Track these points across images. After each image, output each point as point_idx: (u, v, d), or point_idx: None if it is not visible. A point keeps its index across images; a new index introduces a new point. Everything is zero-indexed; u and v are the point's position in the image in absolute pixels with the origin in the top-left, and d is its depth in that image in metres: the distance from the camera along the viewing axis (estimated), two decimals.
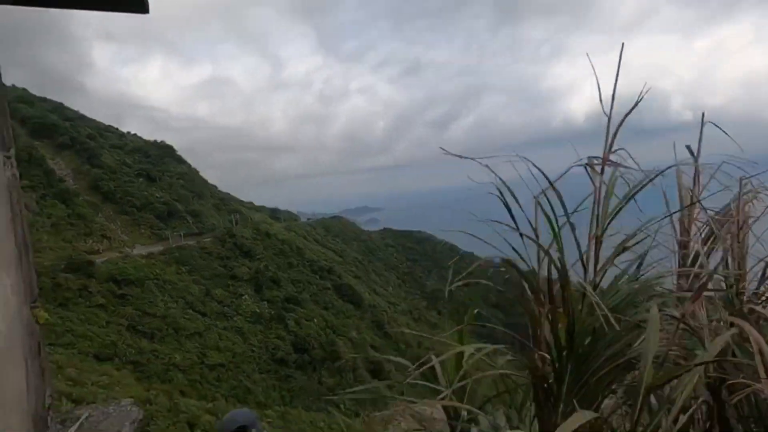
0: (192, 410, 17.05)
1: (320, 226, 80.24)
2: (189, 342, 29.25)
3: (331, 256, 60.70)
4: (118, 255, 35.14)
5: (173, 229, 46.22)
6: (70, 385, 15.68)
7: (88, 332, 24.37)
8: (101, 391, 15.70)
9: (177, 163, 64.90)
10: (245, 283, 40.06)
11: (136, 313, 28.95)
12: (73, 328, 24.17)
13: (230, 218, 57.35)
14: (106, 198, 46.07)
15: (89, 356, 22.37)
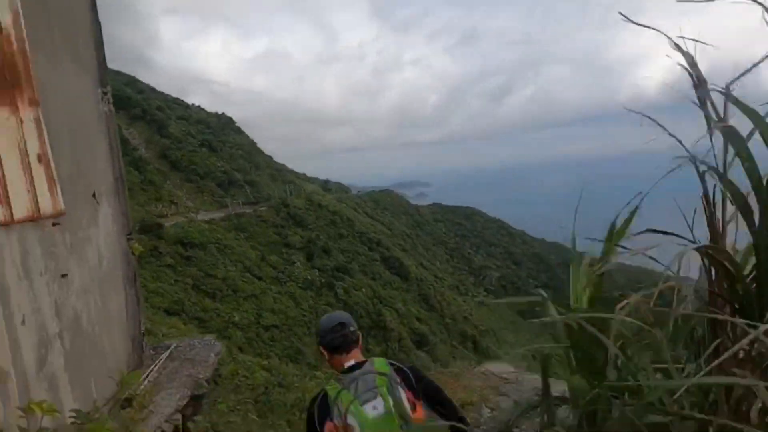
0: (249, 365, 18.70)
1: (370, 199, 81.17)
2: (246, 303, 31.49)
3: (380, 228, 61.61)
4: (183, 219, 38.03)
5: (232, 197, 48.96)
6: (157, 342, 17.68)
7: (159, 289, 26.98)
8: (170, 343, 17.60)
9: (236, 134, 68.01)
10: (298, 251, 41.96)
11: (200, 273, 31.44)
12: (146, 284, 26.83)
13: (285, 188, 59.70)
14: (173, 166, 49.46)
15: (160, 310, 24.86)
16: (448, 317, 44.68)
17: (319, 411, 1.64)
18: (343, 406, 1.59)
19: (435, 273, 58.21)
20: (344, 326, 1.83)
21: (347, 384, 1.66)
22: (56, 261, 1.56)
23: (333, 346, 1.80)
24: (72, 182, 1.70)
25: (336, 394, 1.63)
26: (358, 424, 1.56)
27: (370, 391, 1.63)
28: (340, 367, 1.79)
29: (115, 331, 2.10)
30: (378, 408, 1.60)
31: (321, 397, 1.67)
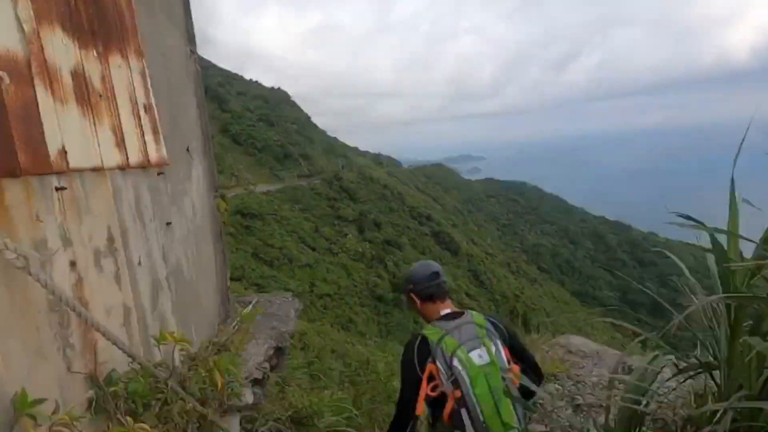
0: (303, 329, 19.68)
1: (421, 173, 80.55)
2: (301, 271, 32.85)
3: (431, 203, 61.19)
4: (243, 191, 39.95)
5: (288, 170, 50.55)
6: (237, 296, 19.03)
7: None
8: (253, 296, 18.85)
9: (291, 108, 69.54)
10: (350, 223, 42.81)
11: (259, 243, 33.08)
12: None
13: (337, 162, 60.67)
14: (234, 140, 51.67)
15: None
16: (498, 294, 44.04)
17: (419, 354, 1.64)
18: (448, 350, 1.58)
19: (486, 249, 57.25)
20: (438, 275, 1.84)
21: (450, 330, 1.65)
22: (162, 210, 1.63)
23: (427, 294, 1.81)
24: (171, 136, 1.76)
25: (439, 338, 1.62)
26: (465, 370, 1.55)
27: (474, 340, 1.63)
28: (434, 314, 1.79)
29: (208, 282, 2.20)
30: (483, 357, 1.60)
31: (420, 341, 1.66)
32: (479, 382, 1.55)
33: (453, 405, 1.56)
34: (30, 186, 1.07)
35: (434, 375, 1.59)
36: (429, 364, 1.60)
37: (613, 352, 2.96)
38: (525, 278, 54.85)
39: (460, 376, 1.54)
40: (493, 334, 1.69)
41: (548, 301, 50.58)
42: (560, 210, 78.16)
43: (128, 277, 1.37)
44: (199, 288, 1.99)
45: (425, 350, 1.63)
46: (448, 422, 1.59)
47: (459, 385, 1.55)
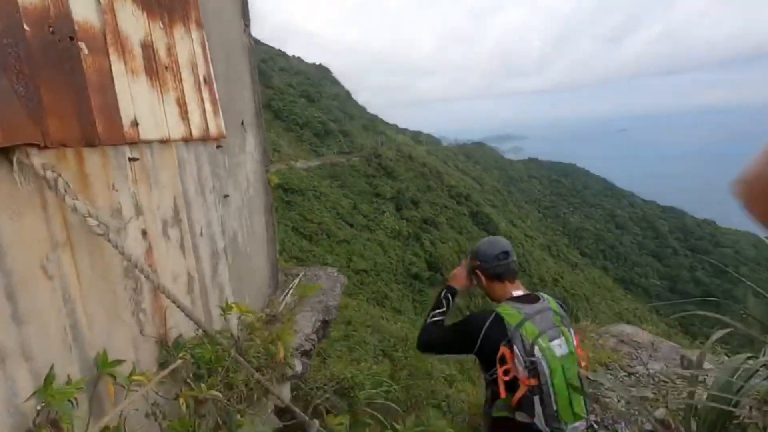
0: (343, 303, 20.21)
1: (461, 152, 79.00)
2: (338, 247, 33.47)
3: (470, 183, 60.14)
4: (285, 166, 40.82)
5: (328, 146, 51.02)
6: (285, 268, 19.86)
7: None
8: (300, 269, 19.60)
9: (332, 84, 69.60)
10: (387, 201, 42.92)
11: (299, 217, 33.90)
12: None
13: (376, 139, 60.53)
14: (276, 116, 52.54)
15: None
16: (537, 278, 43.13)
17: (490, 330, 1.59)
18: (529, 337, 1.53)
19: (525, 231, 55.90)
20: (508, 255, 1.77)
21: (530, 315, 1.59)
22: (220, 181, 1.66)
23: (496, 273, 1.76)
24: (227, 109, 1.78)
25: (519, 323, 1.56)
26: (545, 360, 1.51)
27: (554, 329, 1.58)
28: (504, 294, 1.74)
29: (260, 253, 2.26)
30: (563, 347, 1.56)
31: (494, 318, 1.61)
32: (558, 373, 1.51)
33: (525, 391, 1.52)
34: (106, 156, 1.11)
35: (506, 359, 1.54)
36: (502, 346, 1.55)
37: (670, 344, 2.80)
38: (566, 263, 53.32)
39: (540, 365, 1.50)
40: (566, 321, 1.66)
41: (589, 287, 49.04)
42: (607, 193, 74.63)
43: (191, 247, 1.42)
44: (252, 259, 2.05)
45: (499, 330, 1.58)
46: (516, 406, 1.55)
47: (537, 374, 1.51)
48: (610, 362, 2.53)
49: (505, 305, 1.65)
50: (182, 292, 1.38)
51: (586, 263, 58.12)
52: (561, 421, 1.51)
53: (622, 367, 2.51)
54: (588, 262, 59.05)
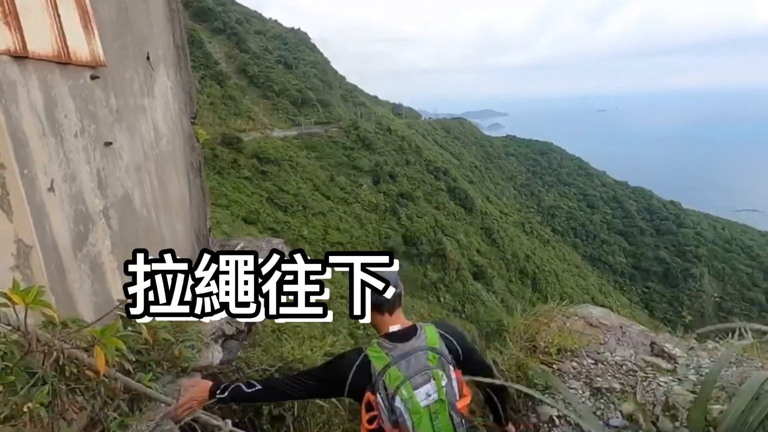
0: None
1: (441, 126, 78.42)
2: (315, 219, 33.05)
3: (448, 158, 60.01)
4: (260, 135, 39.58)
5: (305, 116, 49.66)
6: (225, 238, 19.30)
7: (238, 198, 28.99)
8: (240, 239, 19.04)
9: (311, 51, 67.11)
10: (365, 174, 42.43)
11: (274, 188, 33.18)
12: (227, 193, 28.91)
13: (355, 111, 59.25)
14: (251, 82, 50.53)
15: (239, 218, 26.88)
16: (509, 253, 44.01)
17: (356, 374, 1.46)
18: (391, 385, 1.40)
19: (501, 208, 56.63)
20: (387, 287, 1.55)
21: (396, 359, 1.45)
22: (97, 124, 1.27)
23: (376, 305, 1.57)
24: (118, 33, 1.36)
25: (383, 368, 1.43)
26: (407, 411, 1.39)
27: (423, 374, 1.44)
28: (381, 327, 1.57)
29: (177, 219, 1.88)
30: (431, 395, 1.43)
31: (362, 360, 1.48)
32: (423, 423, 1.40)
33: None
34: None
35: (373, 406, 1.43)
36: (368, 392, 1.44)
37: (639, 328, 2.63)
38: (538, 239, 54.53)
39: (402, 416, 1.38)
40: (445, 360, 1.50)
41: (559, 264, 50.47)
42: (581, 173, 76.12)
43: (27, 204, 1.04)
44: (161, 226, 1.68)
45: (365, 373, 1.46)
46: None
47: (399, 425, 1.39)
48: (576, 348, 2.33)
49: (375, 345, 1.52)
50: (5, 267, 1.01)
51: (558, 240, 59.65)
52: None
53: (588, 353, 2.31)
54: (559, 239, 60.59)
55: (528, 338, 2.31)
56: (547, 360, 2.18)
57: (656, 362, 2.15)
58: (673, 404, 1.78)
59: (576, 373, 2.14)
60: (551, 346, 2.25)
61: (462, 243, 40.00)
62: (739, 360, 2.14)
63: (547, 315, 2.52)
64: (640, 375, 2.08)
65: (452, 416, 1.45)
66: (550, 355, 2.21)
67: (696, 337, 2.47)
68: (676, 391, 1.87)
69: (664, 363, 2.15)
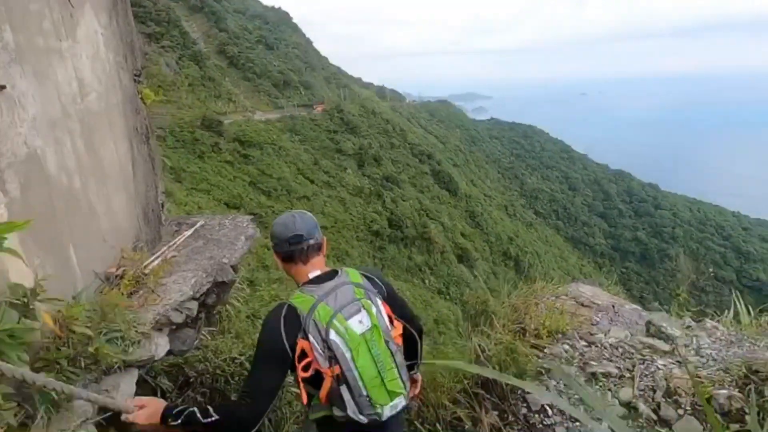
0: None
1: (425, 109, 77.97)
2: (299, 203, 32.55)
3: (433, 141, 59.76)
4: (241, 118, 38.56)
5: (287, 98, 48.57)
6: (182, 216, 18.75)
7: (220, 183, 28.28)
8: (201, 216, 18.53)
9: (292, 31, 65.32)
10: (349, 157, 41.91)
11: (257, 172, 32.47)
12: (209, 178, 28.16)
13: (339, 93, 58.23)
14: (231, 63, 49.02)
15: (221, 203, 26.26)
16: (493, 236, 44.39)
17: (286, 326, 1.35)
18: (322, 321, 1.34)
19: (485, 191, 56.93)
20: (301, 238, 1.52)
21: (322, 296, 1.40)
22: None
23: (288, 255, 1.53)
24: None
25: (310, 308, 1.36)
26: (344, 342, 1.34)
27: (352, 304, 1.40)
28: (302, 277, 1.52)
29: (115, 191, 1.60)
30: (364, 322, 1.39)
31: (286, 311, 1.39)
32: (362, 353, 1.35)
33: (331, 383, 1.34)
34: None
35: (306, 352, 1.34)
36: (300, 340, 1.33)
37: (631, 306, 2.49)
38: (521, 222, 55.11)
39: (339, 350, 1.33)
40: (372, 292, 1.47)
41: (542, 246, 51.21)
42: (563, 156, 76.91)
43: None
44: (89, 197, 1.41)
45: (294, 323, 1.36)
46: (326, 403, 1.39)
47: (338, 361, 1.33)
48: (568, 330, 2.17)
49: (297, 292, 1.45)
50: None
51: (540, 223, 60.48)
52: (374, 406, 1.37)
53: (581, 335, 2.15)
54: (542, 221, 61.44)
55: (516, 320, 2.14)
56: (537, 343, 2.02)
57: (653, 343, 2.01)
58: (675, 389, 1.64)
59: (569, 357, 1.98)
60: (541, 328, 2.09)
61: (446, 226, 40.11)
62: (739, 338, 2.02)
63: (535, 295, 2.35)
64: (638, 357, 1.93)
65: (388, 342, 1.41)
66: (540, 338, 2.05)
67: (692, 315, 2.35)
68: (677, 375, 1.73)
69: (662, 344, 2.01)
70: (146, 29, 38.35)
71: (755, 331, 2.11)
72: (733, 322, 2.28)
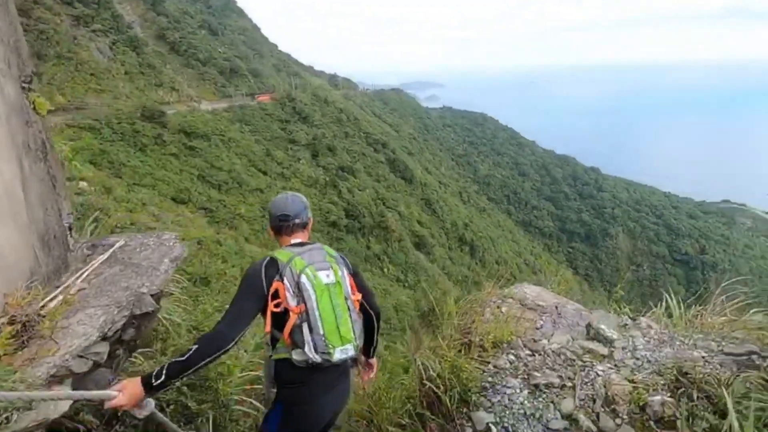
0: (255, 255, 19.10)
1: (378, 98, 77.64)
2: (252, 196, 31.52)
3: (387, 130, 59.73)
4: (186, 108, 36.50)
5: (235, 87, 46.55)
6: (153, 220, 17.65)
7: (165, 177, 26.73)
8: (179, 229, 17.52)
9: (238, 16, 62.40)
10: (303, 147, 41.01)
11: (205, 164, 31.02)
12: (152, 172, 26.54)
13: (290, 81, 56.55)
14: (172, 49, 46.15)
15: (167, 198, 24.88)
16: (449, 222, 45.33)
17: (266, 271, 1.66)
18: (297, 268, 1.65)
19: (439, 179, 57.86)
20: (288, 218, 1.88)
21: (300, 252, 1.72)
22: None
23: (276, 229, 1.91)
24: None
25: (289, 259, 1.67)
26: (312, 286, 1.63)
27: (323, 262, 1.72)
28: (285, 243, 1.86)
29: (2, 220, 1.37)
30: (330, 277, 1.69)
31: (268, 261, 1.70)
32: (324, 298, 1.63)
33: (295, 320, 1.60)
34: None
35: (279, 293, 1.62)
36: (275, 281, 1.62)
37: (574, 306, 2.53)
38: (475, 208, 56.66)
39: (307, 291, 1.61)
40: (340, 263, 1.79)
41: (495, 230, 53.00)
42: (513, 143, 79.61)
43: None
44: None
45: (273, 270, 1.66)
46: (288, 339, 1.62)
47: (305, 300, 1.61)
48: (513, 339, 2.17)
49: (279, 250, 1.78)
50: None
51: (493, 208, 62.51)
52: (328, 345, 1.60)
53: (525, 343, 2.16)
54: (494, 206, 63.54)
55: (463, 330, 2.12)
56: (483, 356, 2.00)
57: (593, 347, 2.05)
58: (613, 397, 1.67)
59: (513, 369, 1.98)
60: (486, 339, 2.07)
61: (403, 214, 40.44)
62: (671, 336, 2.10)
63: (480, 302, 2.34)
64: (579, 364, 1.96)
65: (347, 299, 1.68)
66: (486, 350, 2.03)
67: (629, 314, 2.43)
68: (615, 381, 1.76)
69: (601, 347, 2.05)
70: (73, 11, 35.24)
71: (684, 328, 2.22)
72: (665, 318, 2.38)
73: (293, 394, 1.66)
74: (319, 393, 1.67)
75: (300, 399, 1.66)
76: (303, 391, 1.65)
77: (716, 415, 1.46)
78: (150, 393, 1.40)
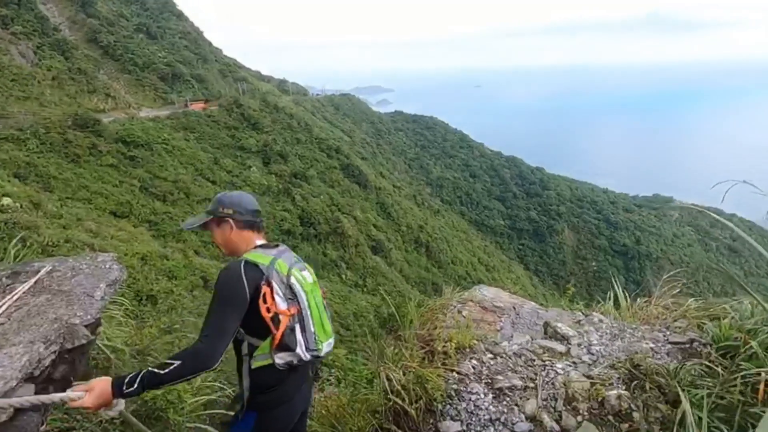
0: (205, 268, 18.24)
1: (330, 103, 77.26)
2: (200, 207, 30.11)
3: (340, 135, 59.53)
4: (124, 116, 34.39)
5: (178, 93, 44.56)
6: (91, 236, 16.37)
7: (103, 190, 24.97)
8: (121, 245, 16.39)
9: (178, 20, 59.82)
10: (253, 155, 39.90)
11: (148, 175, 29.34)
12: (88, 185, 24.70)
13: (237, 87, 54.92)
14: (105, 53, 43.46)
15: (106, 212, 23.25)
16: (404, 225, 45.82)
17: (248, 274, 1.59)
18: (283, 271, 1.65)
19: (393, 183, 58.42)
20: (259, 214, 1.92)
21: (277, 255, 1.72)
22: None
23: (250, 225, 1.83)
24: None
25: (270, 261, 1.65)
26: (301, 286, 1.67)
27: (299, 263, 1.77)
28: (249, 243, 1.80)
29: None
30: (309, 277, 1.77)
31: (245, 264, 1.63)
32: (311, 297, 1.69)
33: (288, 323, 1.59)
34: None
35: (267, 298, 1.57)
36: (263, 286, 1.58)
37: (530, 306, 2.61)
38: (429, 210, 57.70)
39: (298, 292, 1.64)
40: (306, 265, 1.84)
41: (449, 231, 54.24)
42: (463, 145, 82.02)
43: None
44: None
45: (255, 272, 1.61)
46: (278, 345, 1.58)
47: (297, 302, 1.64)
48: (475, 344, 2.18)
49: (251, 252, 1.72)
50: None
51: (446, 209, 64.01)
52: (318, 342, 1.66)
53: (487, 347, 2.18)
54: (448, 208, 65.10)
55: (425, 339, 2.10)
56: (447, 363, 1.99)
57: (551, 346, 2.10)
58: (573, 395, 1.71)
59: (477, 374, 1.98)
60: (449, 345, 2.07)
61: (359, 219, 40.37)
62: (622, 329, 2.21)
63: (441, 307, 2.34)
64: (539, 364, 2.00)
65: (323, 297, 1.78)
66: (449, 357, 2.03)
67: (582, 309, 2.52)
68: (574, 378, 1.81)
69: (558, 345, 2.11)
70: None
71: (632, 319, 2.34)
72: (614, 310, 2.50)
73: (270, 399, 1.63)
74: (293, 392, 1.68)
75: (277, 402, 1.64)
76: (280, 393, 1.64)
77: (668, 404, 1.54)
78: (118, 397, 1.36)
